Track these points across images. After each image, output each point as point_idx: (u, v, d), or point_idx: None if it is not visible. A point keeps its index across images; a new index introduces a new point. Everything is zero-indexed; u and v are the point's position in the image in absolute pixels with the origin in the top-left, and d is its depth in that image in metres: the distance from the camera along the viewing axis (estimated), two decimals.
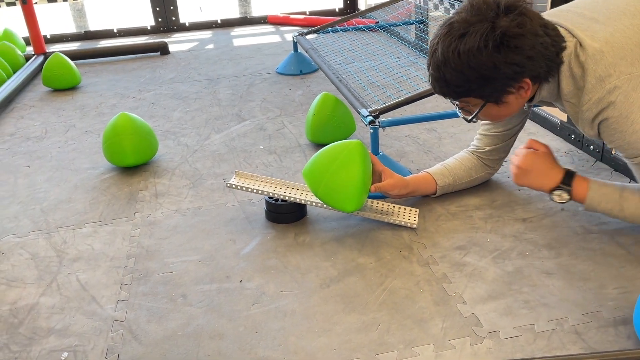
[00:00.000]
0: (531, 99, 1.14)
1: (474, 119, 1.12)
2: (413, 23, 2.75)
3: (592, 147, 1.54)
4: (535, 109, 1.76)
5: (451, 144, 1.70)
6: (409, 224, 1.25)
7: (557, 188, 1.16)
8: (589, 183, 1.15)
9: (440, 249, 1.18)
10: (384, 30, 2.97)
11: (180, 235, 1.30)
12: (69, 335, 1.00)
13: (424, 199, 1.37)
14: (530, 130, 1.73)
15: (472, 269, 1.11)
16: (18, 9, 2.92)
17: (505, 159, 1.40)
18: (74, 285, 1.14)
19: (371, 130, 1.45)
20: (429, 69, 1.08)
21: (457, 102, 1.11)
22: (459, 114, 1.16)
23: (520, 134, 1.37)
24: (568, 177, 1.16)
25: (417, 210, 1.30)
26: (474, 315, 0.99)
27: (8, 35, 3.15)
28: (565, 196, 1.16)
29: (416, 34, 2.73)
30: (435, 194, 1.36)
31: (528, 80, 1.03)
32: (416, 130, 1.81)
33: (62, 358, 0.94)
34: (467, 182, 1.38)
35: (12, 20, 3.75)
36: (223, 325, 1.00)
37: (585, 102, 1.05)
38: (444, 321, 0.98)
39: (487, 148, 1.35)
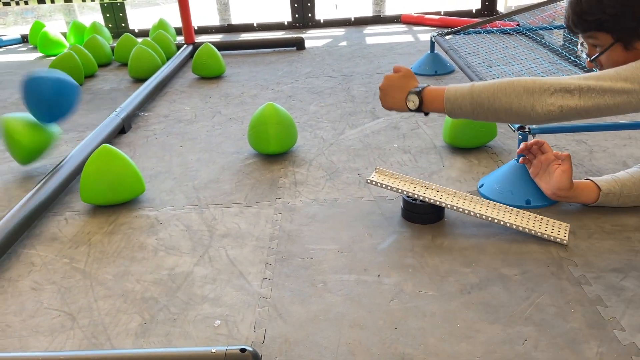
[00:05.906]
0: None
1: (596, 63, 1.09)
2: (563, 27, 2.58)
3: None
4: None
5: (604, 158, 1.58)
6: (558, 239, 1.18)
7: (408, 94, 1.16)
8: (446, 87, 1.13)
9: (594, 269, 1.11)
10: (526, 34, 2.83)
11: (319, 224, 1.34)
12: (220, 305, 1.08)
13: (574, 214, 1.29)
14: None
15: (632, 294, 1.03)
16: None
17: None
18: (223, 260, 1.22)
19: (520, 137, 1.39)
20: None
21: (584, 40, 1.10)
22: (582, 52, 1.15)
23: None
24: (420, 87, 1.17)
25: (568, 225, 1.23)
26: (634, 345, 0.91)
27: (163, 24, 3.46)
28: (416, 99, 1.15)
29: (564, 37, 2.57)
30: (596, 201, 1.26)
31: None
32: (563, 141, 1.71)
33: (215, 325, 1.02)
34: (637, 196, 1.26)
35: (163, 11, 4.09)
36: (363, 317, 1.02)
37: None
38: (600, 346, 0.91)
39: None
